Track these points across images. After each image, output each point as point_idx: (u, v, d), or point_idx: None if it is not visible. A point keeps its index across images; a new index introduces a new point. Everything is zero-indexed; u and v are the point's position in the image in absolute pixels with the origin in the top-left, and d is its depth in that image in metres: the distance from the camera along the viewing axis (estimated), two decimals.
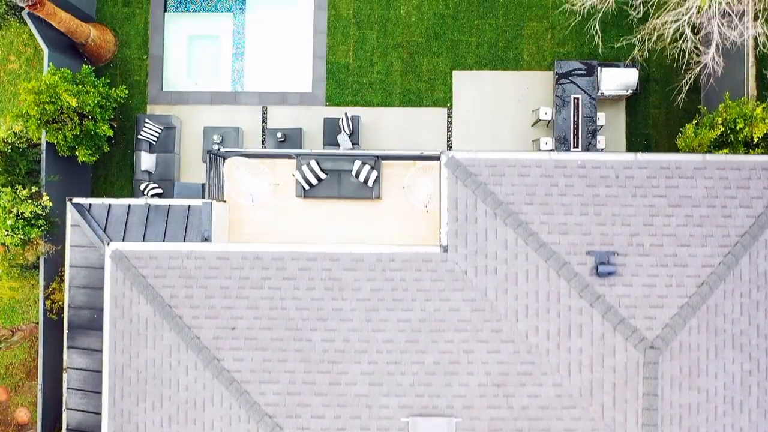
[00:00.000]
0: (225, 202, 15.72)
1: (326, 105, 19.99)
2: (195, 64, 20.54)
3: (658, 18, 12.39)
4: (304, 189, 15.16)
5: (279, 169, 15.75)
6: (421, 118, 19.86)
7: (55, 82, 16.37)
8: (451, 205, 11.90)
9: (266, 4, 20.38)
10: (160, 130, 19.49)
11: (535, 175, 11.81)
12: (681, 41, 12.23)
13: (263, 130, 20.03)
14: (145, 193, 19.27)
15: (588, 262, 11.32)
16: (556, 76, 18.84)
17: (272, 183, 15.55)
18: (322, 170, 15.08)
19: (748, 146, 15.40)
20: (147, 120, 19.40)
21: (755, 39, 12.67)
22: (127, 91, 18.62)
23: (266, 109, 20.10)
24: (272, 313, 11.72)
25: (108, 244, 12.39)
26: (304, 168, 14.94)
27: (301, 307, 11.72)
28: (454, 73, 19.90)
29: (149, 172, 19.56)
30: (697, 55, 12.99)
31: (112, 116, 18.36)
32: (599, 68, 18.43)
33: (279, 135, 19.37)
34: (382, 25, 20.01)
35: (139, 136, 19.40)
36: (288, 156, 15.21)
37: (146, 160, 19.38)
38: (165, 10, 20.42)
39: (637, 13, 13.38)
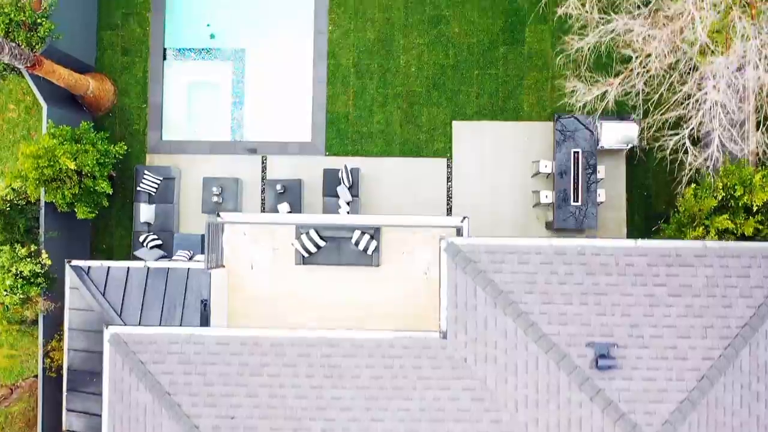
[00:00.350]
0: (224, 266, 15.69)
1: (326, 155, 19.96)
2: (194, 112, 20.51)
3: (660, 114, 12.37)
4: (303, 257, 15.14)
5: (279, 233, 15.71)
6: (421, 168, 19.82)
7: (53, 145, 16.33)
8: (450, 291, 11.88)
9: (266, 53, 20.34)
10: (159, 181, 19.46)
11: (535, 263, 11.79)
12: (681, 153, 12.19)
13: (263, 180, 19.99)
14: (145, 244, 19.25)
15: (588, 354, 11.30)
16: (556, 115, 18.81)
17: (272, 248, 15.53)
18: (321, 238, 15.06)
19: (749, 212, 15.38)
20: (146, 171, 19.38)
21: (756, 151, 12.61)
22: (126, 147, 18.59)
23: (266, 159, 20.06)
24: (271, 401, 11.69)
25: (107, 327, 12.36)
26: (304, 237, 14.92)
27: (300, 395, 11.70)
28: (454, 123, 19.86)
29: (149, 223, 19.53)
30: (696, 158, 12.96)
31: (111, 170, 18.35)
32: (599, 122, 18.37)
33: (279, 187, 19.33)
34: (382, 75, 19.97)
35: (139, 188, 19.38)
36: (288, 223, 15.19)
37: (145, 212, 19.35)
38: (164, 59, 20.38)
39: (638, 114, 13.34)
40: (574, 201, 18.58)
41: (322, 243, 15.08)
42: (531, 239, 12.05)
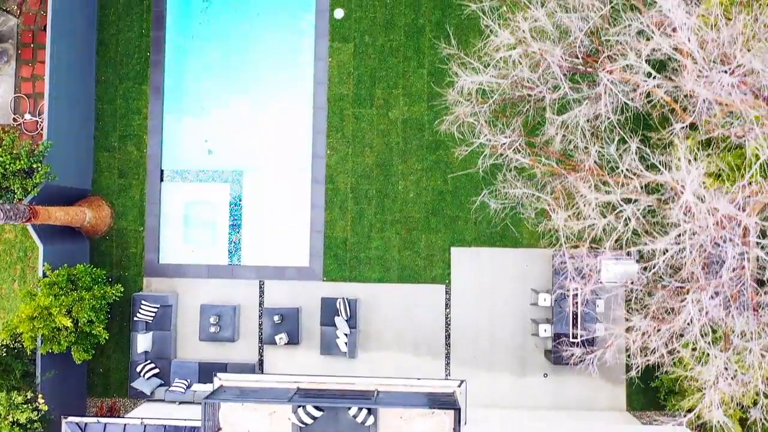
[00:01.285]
0: (221, 429, 15.62)
1: (324, 280, 19.86)
2: (192, 234, 20.38)
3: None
4: (300, 428, 15.08)
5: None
6: (420, 294, 19.72)
7: (49, 303, 16.23)
8: None
9: (264, 176, 20.21)
10: (156, 309, 19.37)
11: None
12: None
13: (260, 305, 19.89)
14: (142, 374, 19.20)
15: None
16: (554, 252, 18.69)
17: (269, 413, 15.46)
18: (318, 409, 14.98)
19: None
20: (143, 301, 19.29)
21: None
22: (122, 289, 18.50)
23: (263, 284, 19.96)
24: None
25: None
26: (300, 411, 14.85)
27: None
28: (453, 249, 19.75)
29: (146, 351, 19.46)
30: None
31: (107, 313, 18.31)
32: (599, 259, 18.24)
33: (276, 318, 19.27)
34: (380, 200, 19.85)
35: (136, 318, 19.29)
36: (284, 394, 15.11)
37: (142, 342, 19.28)
38: (161, 180, 20.26)
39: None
40: (572, 338, 18.48)
41: (318, 414, 15.00)
42: None
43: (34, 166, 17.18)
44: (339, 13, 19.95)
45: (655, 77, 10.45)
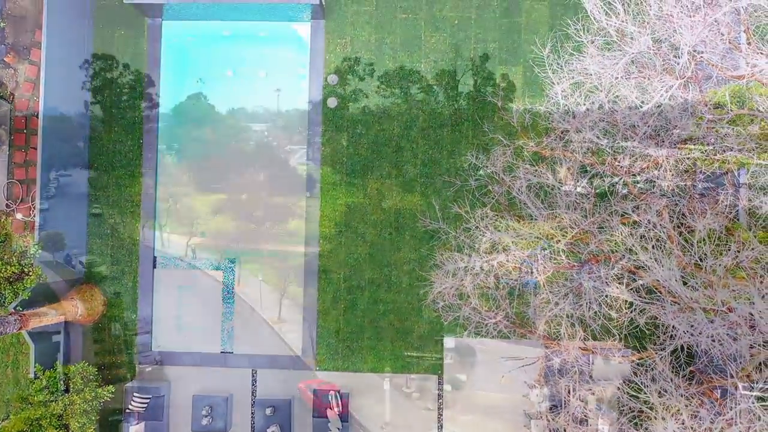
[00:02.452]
0: None
1: (316, 370, 19.84)
2: (184, 322, 20.34)
3: None
4: None
5: None
6: (412, 384, 19.68)
7: (40, 414, 16.23)
8: None
9: (256, 264, 20.17)
10: (148, 400, 19.38)
11: None
12: None
13: (253, 394, 19.88)
14: None
15: None
16: (546, 350, 18.68)
17: None
18: None
19: None
20: (136, 393, 19.29)
21: None
22: (113, 390, 18.49)
23: (256, 373, 19.94)
24: None
25: None
26: None
27: None
28: (445, 339, 19.71)
29: None
30: None
31: (97, 416, 18.33)
32: (592, 356, 18.25)
33: (268, 411, 19.25)
34: (373, 290, 19.81)
35: (128, 409, 19.30)
36: None
37: None
38: (154, 267, 20.23)
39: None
40: None
41: None
42: None
43: (26, 270, 17.15)
44: (332, 102, 19.88)
45: (634, 307, 10.45)
